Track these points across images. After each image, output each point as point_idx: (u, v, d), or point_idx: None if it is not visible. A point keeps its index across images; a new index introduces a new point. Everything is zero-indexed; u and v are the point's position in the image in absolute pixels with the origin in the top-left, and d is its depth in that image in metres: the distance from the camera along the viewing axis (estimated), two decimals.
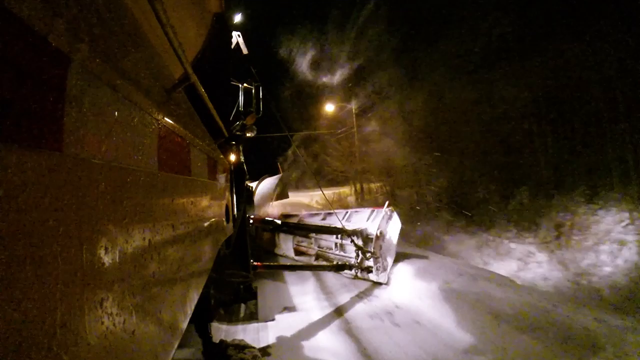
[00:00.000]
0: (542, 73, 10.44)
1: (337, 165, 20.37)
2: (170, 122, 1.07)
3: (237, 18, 3.91)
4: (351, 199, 19.36)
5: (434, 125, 13.84)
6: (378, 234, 4.91)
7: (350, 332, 3.67)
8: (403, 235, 7.30)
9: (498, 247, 9.91)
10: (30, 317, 0.41)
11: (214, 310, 2.71)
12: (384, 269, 4.89)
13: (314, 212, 6.96)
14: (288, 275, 5.78)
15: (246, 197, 3.62)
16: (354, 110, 18.12)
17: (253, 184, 7.70)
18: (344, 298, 4.68)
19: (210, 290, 2.43)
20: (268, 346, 3.39)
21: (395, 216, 5.11)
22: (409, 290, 4.58)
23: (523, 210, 10.28)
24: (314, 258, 6.04)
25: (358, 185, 19.55)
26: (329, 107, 19.81)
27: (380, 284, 4.89)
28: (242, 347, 3.09)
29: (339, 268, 5.09)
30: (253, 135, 4.15)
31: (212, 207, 1.85)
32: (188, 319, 1.19)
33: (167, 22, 0.96)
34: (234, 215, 2.89)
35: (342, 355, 3.21)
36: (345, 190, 23.19)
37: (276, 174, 9.04)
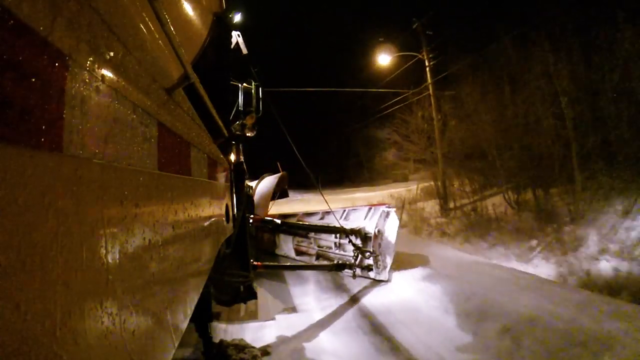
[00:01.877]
0: None
1: (409, 149, 12.82)
2: (170, 122, 1.07)
3: (237, 18, 3.91)
4: (428, 209, 10.84)
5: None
6: (376, 233, 4.91)
7: (350, 332, 3.67)
8: None
9: None
10: (30, 317, 0.41)
11: (214, 310, 2.71)
12: (384, 267, 4.89)
13: (311, 212, 6.95)
14: (288, 275, 5.78)
15: (246, 197, 3.62)
16: (427, 60, 10.76)
17: (253, 183, 7.69)
18: (344, 297, 4.68)
19: (210, 290, 2.43)
20: (268, 346, 3.39)
21: (393, 214, 5.11)
22: (409, 288, 4.58)
23: None
24: (314, 258, 6.04)
25: (437, 183, 11.33)
26: (383, 59, 11.97)
27: (381, 281, 4.89)
28: (242, 346, 3.09)
29: (339, 267, 5.09)
30: (253, 134, 4.15)
31: (212, 207, 1.85)
32: (188, 319, 1.19)
33: (167, 22, 0.96)
34: (234, 215, 2.89)
35: (343, 356, 3.21)
36: (402, 189, 15.79)
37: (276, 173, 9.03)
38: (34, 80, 0.44)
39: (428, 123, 12.19)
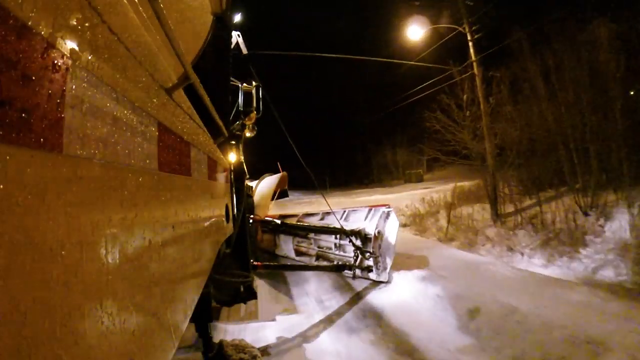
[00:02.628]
0: None
1: (457, 139, 9.87)
2: (170, 122, 1.07)
3: (237, 18, 3.91)
4: (476, 216, 8.65)
5: None
6: (376, 234, 4.91)
7: (351, 332, 3.67)
8: None
9: None
10: (30, 317, 0.41)
11: (214, 310, 2.71)
12: (384, 268, 4.89)
13: (311, 212, 6.95)
14: (289, 276, 5.78)
15: (246, 197, 3.62)
16: (469, 34, 8.95)
17: (253, 183, 7.69)
18: (344, 298, 4.68)
19: (210, 290, 2.43)
20: (268, 346, 3.40)
21: (393, 215, 5.11)
22: (409, 290, 4.58)
23: None
24: (314, 258, 6.04)
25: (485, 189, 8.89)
26: (414, 33, 10.09)
27: (380, 283, 4.89)
28: (242, 347, 3.09)
29: (339, 268, 5.09)
30: (253, 134, 4.16)
31: (212, 207, 1.85)
32: (188, 319, 1.19)
33: (167, 22, 0.96)
34: (234, 215, 2.89)
35: (344, 356, 3.21)
36: (427, 190, 14.38)
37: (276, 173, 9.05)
38: (34, 80, 0.44)
39: (472, 109, 9.51)
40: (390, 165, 30.95)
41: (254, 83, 4.20)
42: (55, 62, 0.48)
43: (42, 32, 0.45)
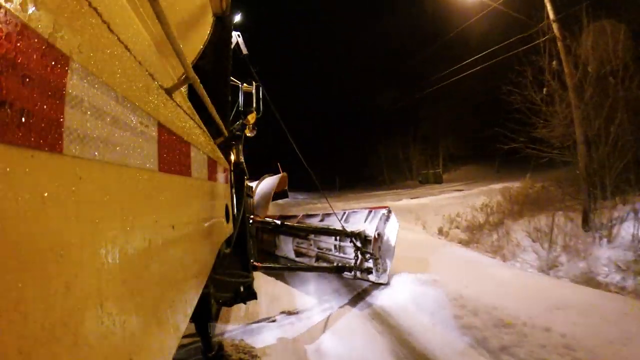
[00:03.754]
0: None
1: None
2: (170, 122, 1.07)
3: (237, 18, 3.92)
4: (563, 230, 6.15)
5: None
6: (376, 236, 4.91)
7: (350, 334, 3.67)
8: None
9: None
10: (30, 317, 0.41)
11: (214, 310, 2.71)
12: (384, 270, 4.88)
13: (311, 213, 6.95)
14: (289, 277, 5.78)
15: (246, 197, 3.62)
16: None
17: (253, 184, 7.70)
18: (344, 299, 4.68)
19: (210, 290, 2.43)
20: (268, 347, 3.39)
21: (393, 217, 5.11)
22: (409, 291, 4.58)
23: None
24: (314, 259, 6.04)
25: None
26: None
27: (380, 284, 4.89)
28: (241, 347, 3.09)
29: (339, 269, 5.09)
30: (253, 134, 4.16)
31: (212, 207, 1.85)
32: (188, 319, 1.19)
33: (167, 22, 0.96)
34: (234, 215, 2.89)
35: (344, 357, 3.21)
36: (460, 193, 12.25)
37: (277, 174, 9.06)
38: (34, 80, 0.44)
39: (550, 85, 6.92)
40: (402, 164, 28.33)
41: (254, 83, 4.20)
42: (55, 62, 0.48)
43: (42, 32, 0.45)
